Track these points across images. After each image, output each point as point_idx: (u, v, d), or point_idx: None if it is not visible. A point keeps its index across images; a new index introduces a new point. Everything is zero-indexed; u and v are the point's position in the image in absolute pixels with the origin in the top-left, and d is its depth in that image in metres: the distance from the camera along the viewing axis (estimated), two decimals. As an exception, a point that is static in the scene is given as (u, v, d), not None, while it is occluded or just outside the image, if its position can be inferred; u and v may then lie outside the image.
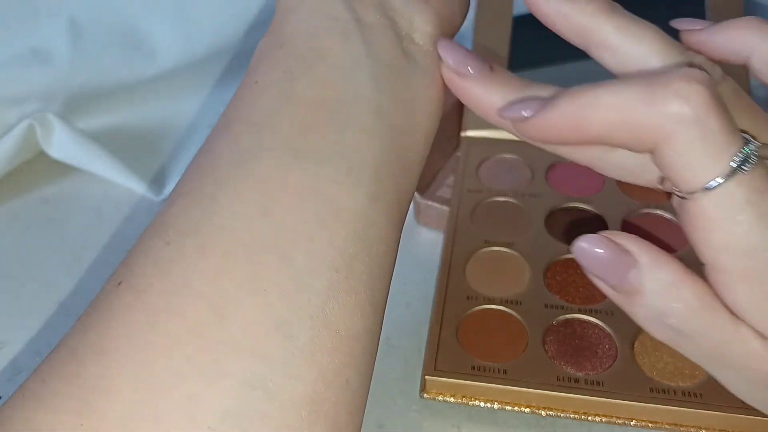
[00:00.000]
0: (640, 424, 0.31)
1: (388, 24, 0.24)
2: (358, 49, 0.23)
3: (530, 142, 0.23)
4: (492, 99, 0.23)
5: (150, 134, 0.50)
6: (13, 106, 0.46)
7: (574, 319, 0.34)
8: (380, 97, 0.23)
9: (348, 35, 0.24)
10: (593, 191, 0.41)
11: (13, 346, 0.37)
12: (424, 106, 0.25)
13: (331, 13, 0.24)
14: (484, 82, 0.24)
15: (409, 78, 0.24)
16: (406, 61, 0.24)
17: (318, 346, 0.20)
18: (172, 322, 0.19)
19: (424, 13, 0.25)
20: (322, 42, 0.23)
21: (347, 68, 0.23)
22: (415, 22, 0.25)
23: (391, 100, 0.23)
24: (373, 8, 0.24)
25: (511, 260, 0.37)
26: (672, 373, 0.32)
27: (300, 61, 0.23)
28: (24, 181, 0.47)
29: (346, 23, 0.24)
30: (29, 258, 0.42)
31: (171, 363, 0.18)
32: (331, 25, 0.24)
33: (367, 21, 0.24)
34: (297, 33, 0.24)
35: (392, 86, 0.24)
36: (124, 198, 0.46)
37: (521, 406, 0.31)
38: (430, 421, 0.32)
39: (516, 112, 0.22)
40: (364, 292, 0.21)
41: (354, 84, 0.23)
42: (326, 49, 0.23)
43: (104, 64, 0.47)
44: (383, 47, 0.24)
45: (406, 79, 0.24)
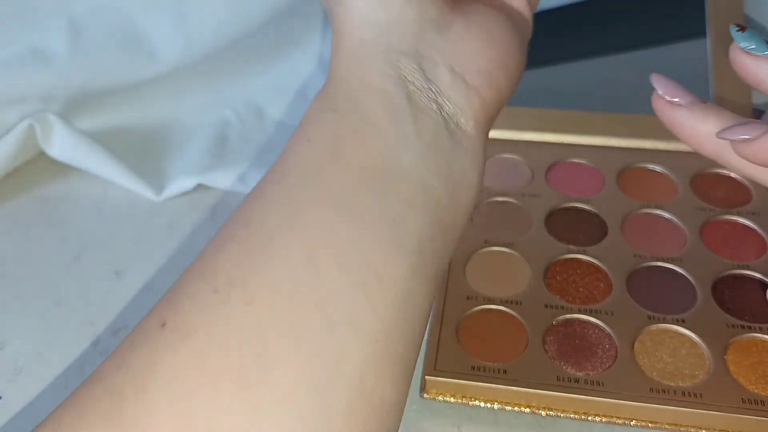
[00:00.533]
0: (640, 424, 0.31)
1: (435, 108, 0.25)
2: (406, 126, 0.24)
3: (737, 168, 0.26)
4: (707, 126, 0.26)
5: (150, 134, 0.50)
6: (13, 106, 0.46)
7: (574, 319, 0.34)
8: (426, 173, 0.24)
9: (397, 111, 0.24)
10: (593, 191, 0.41)
11: (13, 346, 0.37)
12: (466, 188, 0.25)
13: (382, 86, 0.25)
14: (699, 111, 0.26)
15: (452, 159, 0.25)
16: (451, 144, 0.25)
17: (353, 413, 0.20)
18: (216, 369, 0.19)
19: (470, 99, 0.26)
20: (372, 112, 0.24)
21: (394, 141, 0.24)
22: (462, 108, 0.26)
23: (436, 178, 0.24)
24: (422, 92, 0.25)
25: (511, 260, 0.37)
26: (672, 373, 0.32)
27: (350, 127, 0.24)
28: (24, 181, 0.47)
29: (396, 99, 0.24)
30: (29, 258, 0.42)
31: (211, 409, 0.19)
32: (382, 99, 0.24)
33: (416, 101, 0.25)
34: (349, 101, 0.24)
35: (438, 165, 0.24)
36: (124, 198, 0.46)
37: (521, 406, 0.31)
38: (430, 421, 0.32)
39: (738, 134, 0.24)
40: (399, 364, 0.22)
41: (401, 157, 0.24)
42: (376, 119, 0.24)
43: (104, 64, 0.47)
44: (429, 129, 0.24)
45: (450, 160, 0.25)
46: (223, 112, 0.51)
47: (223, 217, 0.27)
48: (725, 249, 0.37)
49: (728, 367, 0.32)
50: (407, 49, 0.25)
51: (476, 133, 0.26)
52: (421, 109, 0.25)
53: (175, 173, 0.46)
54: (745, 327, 0.33)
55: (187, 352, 0.20)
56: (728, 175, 0.42)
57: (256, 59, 0.52)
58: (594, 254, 0.37)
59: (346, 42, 0.25)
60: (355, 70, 0.25)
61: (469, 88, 0.26)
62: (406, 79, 0.25)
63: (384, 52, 0.25)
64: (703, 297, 0.35)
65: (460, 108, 0.25)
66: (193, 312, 0.21)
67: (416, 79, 0.25)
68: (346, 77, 0.25)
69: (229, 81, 0.52)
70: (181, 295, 0.21)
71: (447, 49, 0.26)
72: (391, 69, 0.25)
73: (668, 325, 0.34)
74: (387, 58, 0.25)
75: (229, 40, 0.49)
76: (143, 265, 0.41)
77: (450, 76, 0.25)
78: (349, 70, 0.25)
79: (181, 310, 0.21)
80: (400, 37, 0.25)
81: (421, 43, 0.25)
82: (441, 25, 0.26)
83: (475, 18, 0.27)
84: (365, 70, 0.25)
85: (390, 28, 0.25)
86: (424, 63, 0.25)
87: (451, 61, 0.26)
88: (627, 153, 0.43)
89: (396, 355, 0.21)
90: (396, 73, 0.25)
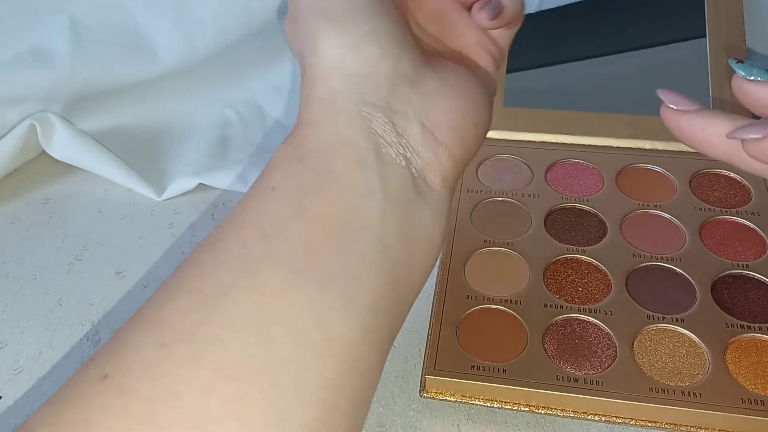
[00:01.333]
0: (639, 423, 0.31)
1: (404, 163, 0.25)
2: (371, 180, 0.24)
3: (749, 167, 0.26)
4: (718, 128, 0.26)
5: (150, 134, 0.50)
6: (14, 106, 0.46)
7: (573, 318, 0.34)
8: (386, 231, 0.24)
9: (364, 165, 0.24)
10: (592, 191, 0.41)
11: (13, 346, 0.37)
12: (427, 246, 0.25)
13: (351, 139, 0.24)
14: (708, 114, 0.27)
15: (416, 216, 0.25)
16: (416, 199, 0.25)
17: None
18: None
19: (439, 156, 0.26)
20: (339, 165, 0.24)
21: (358, 196, 0.24)
22: (430, 163, 0.26)
23: (397, 235, 0.24)
24: (393, 146, 0.25)
25: (510, 260, 0.37)
26: (671, 373, 0.32)
27: (315, 179, 0.24)
28: (24, 181, 0.47)
29: (364, 153, 0.24)
30: (30, 258, 0.42)
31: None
32: (350, 152, 0.24)
33: (384, 156, 0.25)
34: (316, 151, 0.24)
35: (399, 222, 0.24)
36: (124, 198, 0.46)
37: (521, 406, 0.32)
38: (429, 420, 0.32)
39: (749, 134, 0.25)
40: (345, 425, 0.21)
41: (363, 213, 0.23)
42: (341, 173, 0.24)
43: (105, 64, 0.47)
44: (395, 183, 0.24)
45: (414, 217, 0.25)
46: (223, 112, 0.51)
47: (223, 217, 0.27)
48: (724, 249, 0.37)
49: (728, 366, 0.32)
50: (379, 103, 0.25)
51: (443, 189, 0.26)
52: (389, 163, 0.24)
53: (176, 173, 0.46)
54: (744, 327, 0.33)
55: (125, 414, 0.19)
56: (727, 175, 0.42)
57: (256, 59, 0.52)
58: (593, 254, 0.37)
59: (318, 90, 0.25)
60: (325, 119, 0.25)
61: (439, 144, 0.26)
62: (376, 132, 0.25)
63: (356, 104, 0.25)
64: (702, 297, 0.35)
65: (428, 163, 0.25)
66: (135, 365, 0.20)
67: (386, 133, 0.25)
68: (315, 125, 0.25)
69: (230, 81, 0.52)
70: (124, 347, 0.21)
71: (419, 105, 0.26)
72: (361, 121, 0.25)
73: (667, 324, 0.34)
74: (358, 110, 0.25)
75: (230, 41, 0.49)
76: (144, 264, 0.41)
77: (420, 132, 0.25)
78: (319, 119, 0.25)
79: (123, 363, 0.20)
80: (373, 90, 0.25)
81: (393, 97, 0.25)
82: (413, 79, 0.26)
83: (447, 75, 0.27)
84: (335, 120, 0.25)
85: (363, 80, 0.25)
86: (395, 117, 0.25)
87: (422, 116, 0.26)
88: (626, 153, 0.43)
89: (342, 416, 0.21)
90: (366, 126, 0.25)
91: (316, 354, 0.21)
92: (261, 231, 0.22)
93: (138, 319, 0.21)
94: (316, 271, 0.22)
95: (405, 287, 0.24)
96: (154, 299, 0.22)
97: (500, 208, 0.41)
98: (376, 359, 0.23)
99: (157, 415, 0.19)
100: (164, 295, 0.22)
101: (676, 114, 0.27)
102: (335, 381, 0.21)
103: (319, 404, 0.20)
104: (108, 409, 0.19)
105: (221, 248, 0.22)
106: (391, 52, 0.25)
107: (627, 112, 0.44)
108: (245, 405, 0.19)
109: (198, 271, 0.22)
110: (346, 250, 0.23)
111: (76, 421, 0.19)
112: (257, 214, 0.23)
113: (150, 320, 0.21)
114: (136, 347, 0.20)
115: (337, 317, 0.21)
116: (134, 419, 0.19)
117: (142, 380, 0.19)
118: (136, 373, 0.20)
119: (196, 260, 0.23)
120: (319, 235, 0.22)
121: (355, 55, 0.25)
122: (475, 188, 0.42)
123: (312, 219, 0.23)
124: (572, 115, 0.45)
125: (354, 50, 0.25)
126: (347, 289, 0.22)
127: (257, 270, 0.21)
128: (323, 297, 0.22)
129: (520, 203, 0.41)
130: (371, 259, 0.23)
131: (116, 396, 0.19)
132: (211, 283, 0.21)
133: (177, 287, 0.22)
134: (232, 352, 0.20)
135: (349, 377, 0.21)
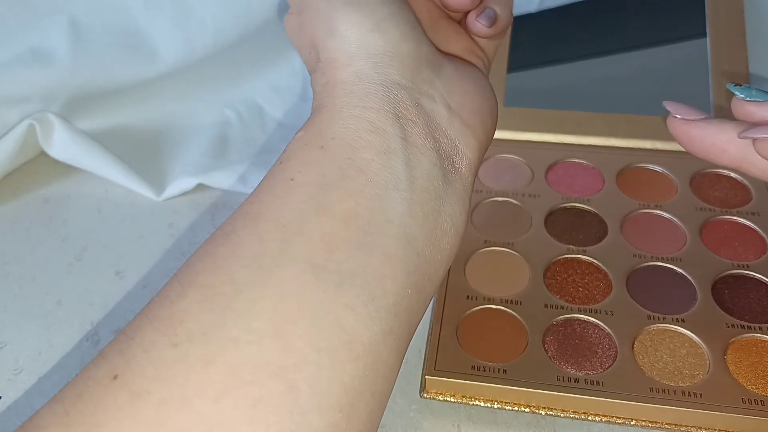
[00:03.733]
0: (639, 424, 0.31)
1: (432, 145, 0.24)
2: (398, 169, 0.23)
3: (761, 171, 0.26)
4: (727, 133, 0.26)
5: (150, 134, 0.50)
6: (14, 106, 0.46)
7: (573, 319, 0.34)
8: (411, 223, 0.23)
9: (391, 153, 0.23)
10: (593, 191, 0.41)
11: (13, 346, 0.37)
12: (451, 236, 0.25)
13: (378, 124, 0.23)
14: (716, 121, 0.27)
15: (443, 204, 0.24)
16: (444, 186, 0.24)
17: None
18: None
19: (466, 137, 0.25)
20: (363, 155, 0.23)
21: (383, 187, 0.23)
22: (458, 145, 0.25)
23: (421, 228, 0.23)
24: (421, 127, 0.24)
25: (511, 260, 0.37)
26: (672, 373, 0.32)
27: (338, 170, 0.23)
28: (24, 181, 0.47)
29: (390, 139, 0.23)
30: (29, 258, 0.42)
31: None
32: (375, 139, 0.23)
33: (412, 140, 0.24)
34: (338, 138, 0.23)
35: (424, 213, 0.23)
36: (124, 198, 0.46)
37: (521, 406, 0.32)
38: (430, 420, 0.32)
39: (761, 133, 0.25)
40: (362, 431, 0.21)
41: (387, 206, 0.22)
42: (366, 163, 0.23)
43: (105, 64, 0.47)
44: (423, 170, 0.24)
45: (440, 205, 0.24)
46: (223, 112, 0.51)
47: (223, 217, 0.27)
48: (725, 249, 0.37)
49: (728, 366, 0.32)
50: (405, 83, 0.24)
51: (468, 173, 0.25)
52: (417, 147, 0.24)
53: (176, 173, 0.46)
54: (745, 327, 0.33)
55: (137, 417, 0.18)
56: (728, 175, 0.42)
57: (256, 59, 0.52)
58: (594, 254, 0.37)
59: (340, 74, 0.24)
60: (350, 103, 0.24)
61: (465, 125, 0.25)
62: (403, 116, 0.24)
63: (383, 84, 0.24)
64: (702, 297, 0.35)
65: (455, 145, 0.25)
66: (147, 366, 0.19)
67: (414, 115, 0.24)
68: (339, 110, 0.24)
69: (230, 81, 0.52)
70: (135, 345, 0.20)
71: (442, 87, 0.25)
72: (388, 104, 0.24)
73: (668, 325, 0.34)
74: (385, 91, 0.24)
75: (230, 40, 0.49)
76: (143, 265, 0.41)
77: (447, 112, 0.25)
78: (343, 104, 0.24)
79: (135, 363, 0.19)
80: (398, 70, 0.24)
81: (418, 78, 0.25)
82: (434, 63, 0.25)
83: (459, 63, 0.27)
84: (361, 103, 0.24)
85: (388, 60, 0.24)
86: (421, 98, 0.24)
87: (447, 98, 0.25)
88: (627, 153, 0.43)
89: (360, 421, 0.21)
90: (393, 110, 0.24)
91: (335, 357, 0.20)
92: (279, 226, 0.21)
93: (149, 316, 0.20)
94: (336, 271, 0.21)
95: (427, 281, 0.24)
96: (166, 293, 0.21)
97: (501, 208, 0.41)
98: (395, 360, 0.22)
99: (169, 420, 0.18)
100: (176, 290, 0.21)
101: (683, 124, 0.27)
102: (354, 385, 0.20)
103: (337, 410, 0.20)
104: (119, 411, 0.18)
105: (236, 242, 0.21)
106: (412, 34, 0.25)
107: (627, 112, 0.44)
108: (260, 411, 0.19)
109: (212, 266, 0.21)
110: (369, 247, 0.22)
111: (87, 424, 0.18)
112: (275, 207, 0.22)
113: (161, 317, 0.20)
114: (147, 346, 0.20)
115: (357, 319, 0.21)
116: (146, 423, 0.18)
117: (153, 382, 0.19)
118: (147, 375, 0.19)
119: (209, 253, 0.22)
120: (340, 231, 0.21)
121: (379, 35, 0.24)
122: (475, 188, 0.42)
123: (333, 214, 0.22)
124: (572, 115, 0.45)
125: (376, 30, 0.24)
126: (368, 289, 0.21)
127: (274, 268, 0.21)
128: (343, 298, 0.21)
129: (521, 203, 0.41)
130: (395, 255, 0.22)
131: (128, 398, 0.19)
132: (225, 280, 0.20)
133: (190, 282, 0.21)
134: (247, 355, 0.19)
135: (369, 381, 0.21)
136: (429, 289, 0.24)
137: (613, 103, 0.45)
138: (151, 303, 0.21)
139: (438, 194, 0.24)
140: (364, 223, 0.22)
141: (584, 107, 0.45)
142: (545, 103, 0.45)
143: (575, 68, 0.48)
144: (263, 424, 0.19)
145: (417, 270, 0.23)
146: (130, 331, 0.20)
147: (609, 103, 0.45)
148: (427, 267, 0.23)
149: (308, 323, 0.20)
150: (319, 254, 0.21)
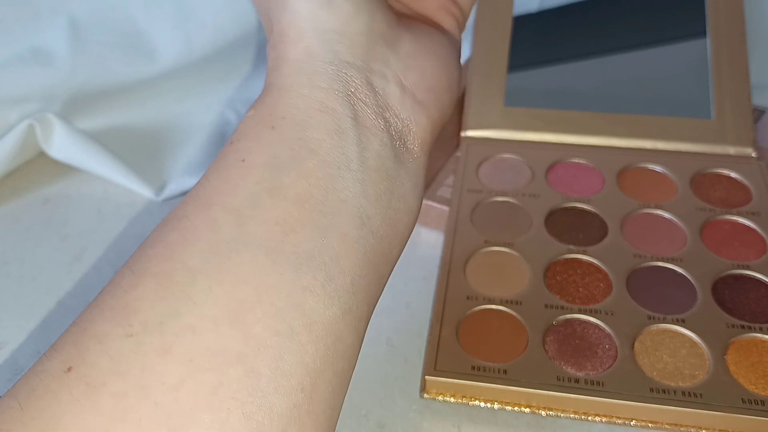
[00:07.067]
0: (640, 424, 0.31)
1: (383, 125, 0.24)
2: (350, 149, 0.23)
3: None
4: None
5: (150, 134, 0.50)
6: (13, 106, 0.46)
7: (574, 319, 0.34)
8: (364, 203, 0.23)
9: (342, 133, 0.23)
10: (593, 191, 0.41)
11: (13, 346, 0.37)
12: (405, 216, 0.24)
13: (328, 103, 0.23)
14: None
15: (395, 184, 0.24)
16: (395, 165, 0.24)
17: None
18: (124, 429, 0.18)
19: (418, 117, 0.25)
20: (314, 134, 0.23)
21: (336, 167, 0.22)
22: (409, 125, 0.25)
23: (375, 207, 0.23)
24: (371, 107, 0.24)
25: (511, 260, 0.37)
26: (672, 373, 0.32)
27: (289, 150, 0.22)
28: (24, 181, 0.47)
29: (341, 119, 0.23)
30: (29, 258, 0.42)
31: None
32: (325, 118, 0.23)
33: (362, 120, 0.23)
34: (289, 118, 0.23)
35: (378, 192, 0.23)
36: (124, 198, 0.46)
37: (521, 406, 0.32)
38: (430, 421, 0.32)
39: None
40: (324, 413, 0.21)
41: (341, 185, 0.22)
42: (317, 143, 0.22)
43: (104, 64, 0.47)
44: (374, 151, 0.23)
45: (393, 185, 0.24)
46: (223, 112, 0.51)
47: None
48: (725, 249, 0.37)
49: (728, 367, 0.32)
50: (356, 62, 0.24)
51: (421, 153, 0.25)
52: (367, 128, 0.23)
53: (175, 173, 0.46)
54: (745, 327, 0.33)
55: (95, 409, 0.18)
56: (728, 175, 0.42)
57: (256, 60, 0.52)
58: (594, 254, 0.37)
59: (289, 51, 0.24)
60: (299, 82, 0.23)
61: (418, 104, 0.25)
62: (353, 95, 0.24)
63: (332, 63, 0.23)
64: (703, 297, 0.35)
65: (407, 125, 0.25)
66: (102, 358, 0.19)
67: (364, 95, 0.24)
68: (288, 89, 0.23)
69: (230, 81, 0.52)
70: (88, 336, 0.19)
71: (396, 64, 0.25)
72: (338, 83, 0.23)
73: (668, 325, 0.34)
74: (335, 70, 0.23)
75: (229, 40, 0.49)
76: (143, 265, 0.41)
77: (399, 92, 0.25)
78: (292, 83, 0.23)
79: (88, 355, 0.19)
80: (349, 48, 0.24)
81: (370, 57, 0.24)
82: (389, 39, 0.25)
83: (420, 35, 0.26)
84: (310, 83, 0.23)
85: (338, 37, 0.24)
86: (372, 77, 0.24)
87: (400, 76, 0.25)
88: (627, 153, 0.43)
89: (321, 404, 0.20)
90: (343, 89, 0.23)
91: (295, 340, 0.20)
92: (232, 210, 0.21)
93: (101, 306, 0.20)
94: (293, 253, 0.21)
95: (383, 260, 0.23)
96: (117, 282, 0.20)
97: (501, 208, 0.41)
98: (355, 339, 0.22)
99: (128, 412, 0.18)
100: (129, 278, 0.20)
101: None
102: (315, 366, 0.20)
103: (298, 391, 0.20)
104: (75, 404, 0.18)
105: (188, 227, 0.21)
106: (366, 9, 0.24)
107: (627, 112, 0.44)
108: (220, 397, 0.18)
109: (165, 253, 0.21)
110: (324, 227, 0.21)
111: (42, 418, 0.18)
112: (227, 190, 0.22)
113: (114, 307, 0.20)
114: (100, 337, 0.19)
115: (316, 300, 0.21)
116: (104, 416, 0.18)
117: (109, 374, 0.18)
118: (102, 367, 0.19)
119: (161, 240, 0.21)
120: (294, 213, 0.21)
121: (330, 10, 0.24)
122: (475, 188, 0.42)
123: (287, 195, 0.21)
124: (573, 115, 0.45)
125: (328, 6, 0.24)
126: (325, 269, 0.21)
127: (230, 253, 0.20)
128: (300, 280, 0.20)
129: (521, 203, 0.41)
130: (350, 235, 0.22)
131: (83, 390, 0.18)
132: (179, 267, 0.20)
133: (142, 270, 0.20)
134: (205, 343, 0.19)
135: (329, 361, 0.21)
136: (385, 268, 0.24)
137: (613, 103, 0.45)
138: (103, 292, 0.21)
139: (390, 174, 0.24)
140: (318, 203, 0.22)
141: (584, 107, 0.45)
142: (545, 103, 0.45)
143: (575, 68, 0.48)
144: (224, 410, 0.18)
145: (372, 249, 0.23)
146: (82, 321, 0.20)
147: (609, 103, 0.45)
148: (382, 246, 0.23)
149: (266, 307, 0.20)
150: (275, 237, 0.21)
